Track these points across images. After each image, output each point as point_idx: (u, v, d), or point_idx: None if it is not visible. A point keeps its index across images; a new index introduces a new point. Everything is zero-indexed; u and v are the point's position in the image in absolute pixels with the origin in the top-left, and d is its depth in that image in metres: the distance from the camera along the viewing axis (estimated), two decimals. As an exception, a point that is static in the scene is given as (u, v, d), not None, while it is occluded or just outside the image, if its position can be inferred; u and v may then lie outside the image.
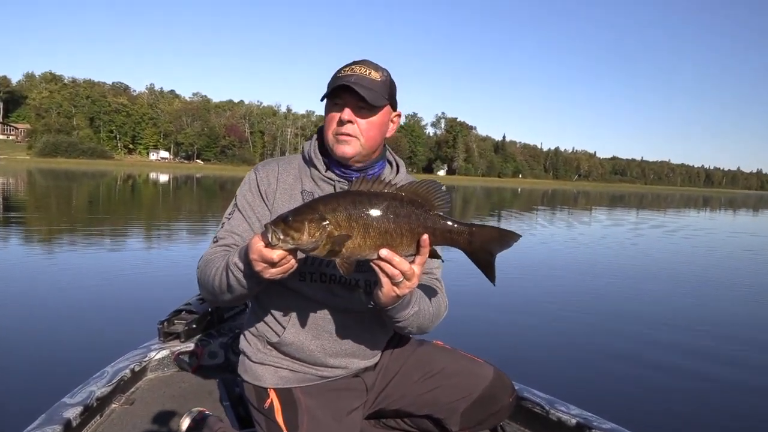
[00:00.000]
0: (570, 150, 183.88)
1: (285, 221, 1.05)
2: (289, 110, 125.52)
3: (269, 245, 1.06)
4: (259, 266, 1.10)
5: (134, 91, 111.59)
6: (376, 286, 1.19)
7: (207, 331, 2.21)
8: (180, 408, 1.77)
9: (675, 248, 11.96)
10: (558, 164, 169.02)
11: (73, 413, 1.52)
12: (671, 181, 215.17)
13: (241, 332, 1.51)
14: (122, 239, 9.29)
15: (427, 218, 1.15)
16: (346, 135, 1.34)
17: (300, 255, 1.14)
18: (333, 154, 1.38)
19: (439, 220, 1.16)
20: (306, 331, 1.39)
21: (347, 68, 1.35)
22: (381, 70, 1.37)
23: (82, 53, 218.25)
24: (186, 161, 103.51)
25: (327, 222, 1.07)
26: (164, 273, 6.32)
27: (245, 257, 1.16)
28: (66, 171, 47.08)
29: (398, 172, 1.51)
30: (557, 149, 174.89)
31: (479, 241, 1.19)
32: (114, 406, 1.76)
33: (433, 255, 1.18)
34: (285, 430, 1.33)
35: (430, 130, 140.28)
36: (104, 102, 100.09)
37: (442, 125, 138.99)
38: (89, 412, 1.60)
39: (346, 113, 1.33)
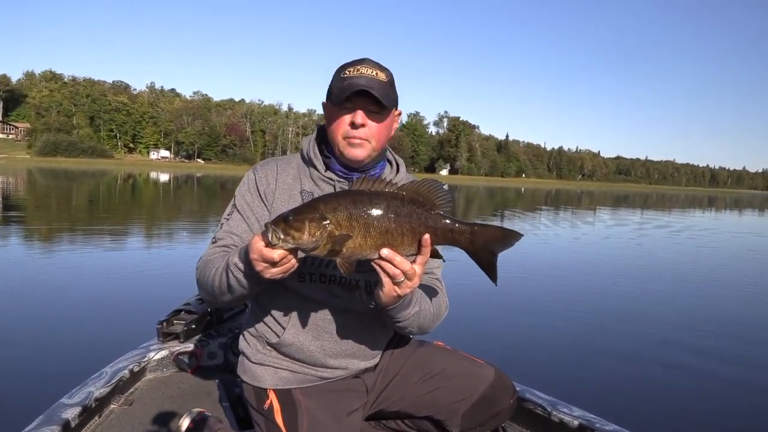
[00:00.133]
0: (574, 149, 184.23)
1: (285, 220, 1.05)
2: (291, 109, 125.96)
3: (270, 245, 1.05)
4: (260, 266, 1.09)
5: (134, 90, 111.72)
6: (377, 286, 1.18)
7: (206, 332, 2.20)
8: (179, 409, 1.77)
9: (680, 248, 11.94)
10: (561, 164, 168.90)
11: (72, 414, 1.51)
12: (676, 181, 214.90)
13: (241, 333, 1.51)
14: (121, 239, 9.30)
15: (429, 217, 1.14)
16: (359, 138, 1.33)
17: (300, 255, 1.13)
18: (342, 158, 1.37)
19: (441, 220, 1.15)
20: (306, 332, 1.39)
21: (352, 68, 1.32)
22: (384, 70, 1.36)
23: (82, 51, 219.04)
24: (186, 160, 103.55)
25: (328, 221, 1.06)
26: (163, 273, 6.32)
27: (245, 257, 1.15)
28: (66, 170, 47.11)
29: (398, 172, 1.50)
30: (561, 149, 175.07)
31: (481, 241, 1.18)
32: (113, 407, 1.76)
33: (435, 255, 1.17)
34: (285, 431, 1.32)
35: (433, 129, 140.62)
36: (104, 101, 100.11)
37: (445, 124, 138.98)
38: (88, 413, 1.60)
39: (360, 116, 1.31)
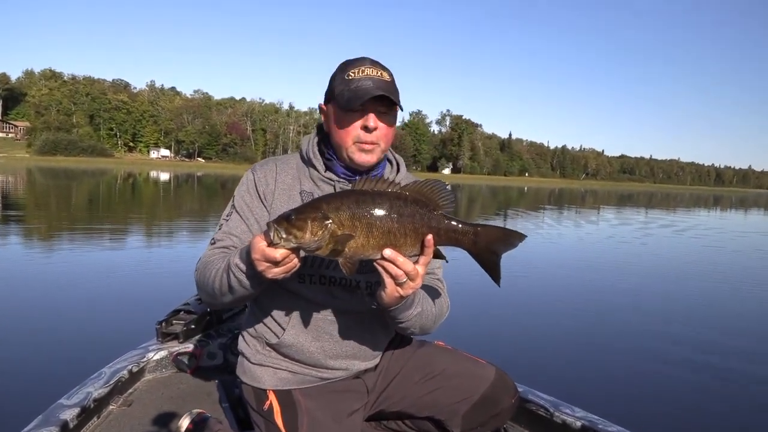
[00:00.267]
0: (577, 148, 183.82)
1: (288, 220, 1.04)
2: (292, 107, 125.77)
3: (272, 244, 1.05)
4: (262, 266, 1.09)
5: (135, 88, 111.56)
6: (379, 287, 1.17)
7: (206, 332, 2.20)
8: (178, 409, 1.76)
9: (684, 248, 11.92)
10: (565, 162, 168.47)
11: (70, 414, 1.51)
12: (681, 180, 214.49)
13: (240, 333, 1.50)
14: (121, 238, 9.30)
15: (432, 218, 1.13)
16: (371, 143, 1.31)
17: (302, 254, 1.12)
18: (351, 163, 1.35)
19: (444, 220, 1.15)
20: (306, 333, 1.38)
21: (356, 69, 1.30)
22: (386, 69, 1.34)
23: (82, 50, 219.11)
24: (187, 159, 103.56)
25: (330, 221, 1.06)
26: (163, 273, 6.30)
27: (247, 258, 1.14)
28: (65, 169, 47.13)
29: (399, 171, 1.49)
30: (564, 147, 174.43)
31: (484, 242, 1.17)
32: (111, 408, 1.75)
33: (438, 255, 1.17)
34: None
35: (435, 128, 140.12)
36: (104, 99, 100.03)
37: (447, 123, 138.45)
38: (86, 414, 1.59)
39: (372, 120, 1.29)
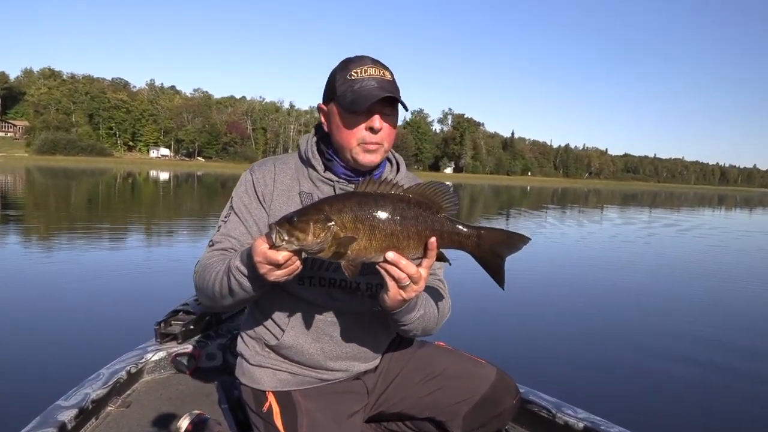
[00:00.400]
0: (581, 147, 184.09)
1: (290, 222, 1.04)
2: (292, 106, 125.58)
3: (273, 246, 1.04)
4: (264, 268, 1.08)
5: (134, 87, 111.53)
6: (382, 290, 1.17)
7: (205, 333, 2.19)
8: (177, 411, 1.75)
9: (688, 247, 11.89)
10: (568, 162, 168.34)
11: (68, 416, 1.50)
12: (685, 179, 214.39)
13: (239, 334, 1.49)
14: (120, 238, 9.29)
15: (435, 221, 1.13)
16: (376, 144, 1.30)
17: (304, 257, 1.11)
18: (354, 164, 1.34)
19: (447, 223, 1.14)
20: (305, 334, 1.37)
21: (358, 69, 1.28)
22: (387, 68, 1.33)
23: (81, 48, 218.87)
24: (187, 159, 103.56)
25: (332, 223, 1.05)
26: (162, 273, 6.28)
27: (248, 260, 1.13)
28: (65, 169, 47.14)
29: (399, 170, 1.48)
30: (567, 146, 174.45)
31: (488, 245, 1.17)
32: (110, 409, 1.75)
33: (441, 258, 1.16)
34: None
35: (437, 127, 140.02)
36: (103, 98, 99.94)
37: (449, 122, 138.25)
38: (84, 415, 1.58)
39: (378, 121, 1.28)
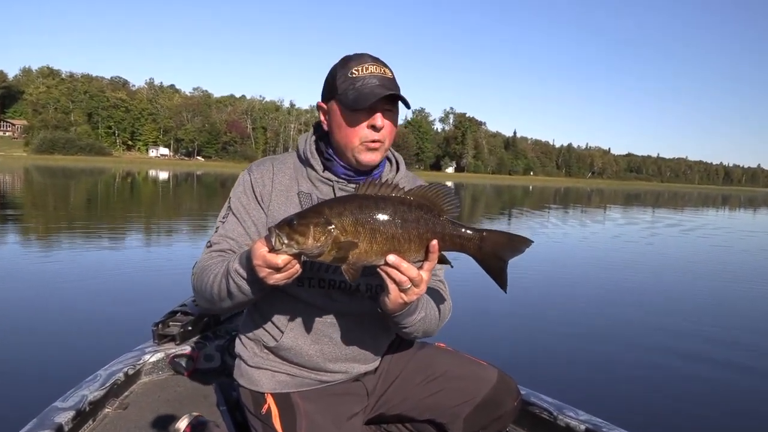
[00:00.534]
0: (583, 146, 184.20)
1: (290, 225, 1.02)
2: (293, 105, 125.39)
3: (273, 250, 1.03)
4: (264, 272, 1.07)
5: (133, 86, 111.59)
6: (383, 293, 1.16)
7: (203, 334, 2.17)
8: (175, 412, 1.74)
9: (692, 247, 11.86)
10: (571, 161, 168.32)
11: (65, 418, 1.49)
12: (689, 179, 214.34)
13: (237, 335, 1.47)
14: (118, 238, 9.27)
15: (436, 223, 1.12)
16: (378, 142, 1.29)
17: (304, 260, 1.10)
18: (356, 163, 1.33)
19: (449, 225, 1.13)
20: (305, 336, 1.35)
21: (359, 67, 1.27)
22: (387, 65, 1.32)
23: (80, 47, 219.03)
24: (186, 158, 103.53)
25: (333, 226, 1.04)
26: (160, 273, 6.26)
27: (247, 263, 1.12)
28: (63, 168, 47.08)
29: (398, 170, 1.47)
30: (570, 146, 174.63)
31: (490, 247, 1.15)
32: (107, 411, 1.73)
33: (442, 261, 1.15)
34: None
35: (438, 126, 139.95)
36: (102, 97, 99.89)
37: (451, 121, 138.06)
38: (81, 417, 1.57)
39: (380, 119, 1.27)
